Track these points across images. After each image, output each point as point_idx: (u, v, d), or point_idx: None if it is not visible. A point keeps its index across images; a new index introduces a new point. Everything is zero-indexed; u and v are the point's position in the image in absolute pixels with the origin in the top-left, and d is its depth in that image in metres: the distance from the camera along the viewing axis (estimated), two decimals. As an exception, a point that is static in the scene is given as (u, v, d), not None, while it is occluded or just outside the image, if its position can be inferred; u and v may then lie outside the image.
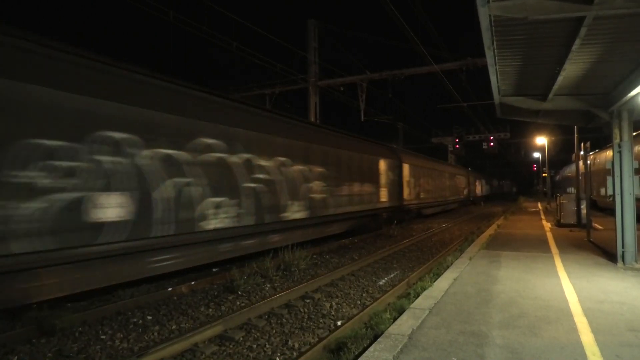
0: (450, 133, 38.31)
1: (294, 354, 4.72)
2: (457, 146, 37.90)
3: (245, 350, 4.81)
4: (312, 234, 11.77)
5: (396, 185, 18.33)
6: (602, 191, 17.82)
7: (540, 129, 28.88)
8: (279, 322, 5.77)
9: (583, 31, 4.81)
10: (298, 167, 10.88)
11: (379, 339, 3.97)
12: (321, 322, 5.77)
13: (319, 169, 11.91)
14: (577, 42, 5.11)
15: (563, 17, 4.61)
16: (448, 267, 7.52)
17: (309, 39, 19.45)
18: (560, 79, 6.65)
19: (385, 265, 9.71)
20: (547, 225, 14.96)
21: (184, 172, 7.38)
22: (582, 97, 7.98)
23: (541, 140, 29.14)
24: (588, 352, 3.58)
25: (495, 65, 6.36)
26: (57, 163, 5.51)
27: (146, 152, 6.73)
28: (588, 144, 11.46)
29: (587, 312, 4.65)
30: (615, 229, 7.24)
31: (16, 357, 4.57)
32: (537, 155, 41.70)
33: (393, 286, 7.48)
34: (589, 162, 11.91)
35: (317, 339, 5.09)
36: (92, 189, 5.89)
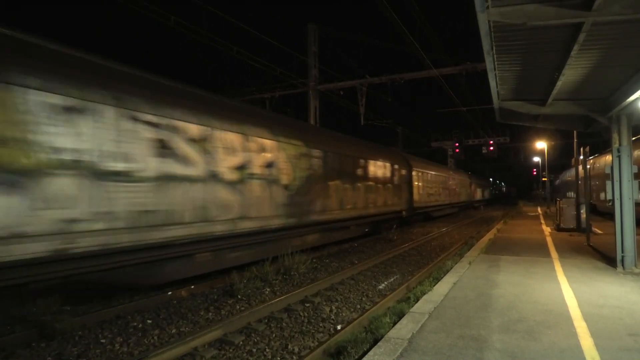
0: (450, 137, 38.33)
1: (294, 358, 4.73)
2: (457, 150, 37.92)
3: (245, 355, 4.81)
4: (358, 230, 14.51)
5: (408, 189, 19.56)
6: (602, 195, 17.82)
7: (539, 133, 28.90)
8: (278, 326, 5.77)
9: (582, 37, 4.85)
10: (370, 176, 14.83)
11: (378, 343, 3.99)
12: (321, 326, 5.77)
13: (370, 179, 14.89)
14: (576, 47, 5.14)
15: (562, 23, 4.65)
16: (448, 271, 7.52)
17: (309, 43, 19.50)
18: (559, 84, 6.69)
19: (384, 270, 9.70)
20: (546, 229, 14.96)
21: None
22: (581, 102, 8.01)
23: (541, 144, 29.19)
24: (587, 357, 3.58)
25: (495, 70, 6.40)
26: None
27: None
28: (587, 148, 11.50)
29: (586, 317, 4.65)
30: (614, 234, 7.25)
31: (16, 360, 4.58)
32: (536, 159, 41.71)
33: (393, 290, 7.48)
34: (588, 166, 11.95)
35: (317, 343, 5.09)
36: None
